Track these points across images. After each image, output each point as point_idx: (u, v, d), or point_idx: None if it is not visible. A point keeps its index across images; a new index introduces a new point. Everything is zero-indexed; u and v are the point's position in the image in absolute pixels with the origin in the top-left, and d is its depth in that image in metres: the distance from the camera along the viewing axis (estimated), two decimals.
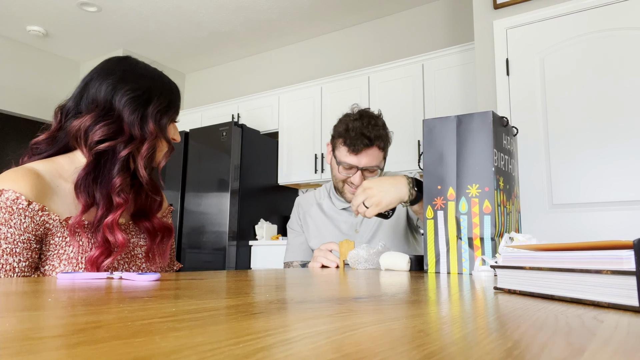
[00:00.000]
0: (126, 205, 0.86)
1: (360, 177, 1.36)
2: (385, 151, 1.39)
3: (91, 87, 0.89)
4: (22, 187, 0.78)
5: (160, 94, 0.93)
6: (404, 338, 0.25)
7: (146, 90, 0.91)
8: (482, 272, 0.81)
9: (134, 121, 0.88)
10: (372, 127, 1.33)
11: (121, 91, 0.88)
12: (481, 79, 2.55)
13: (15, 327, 0.25)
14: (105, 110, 0.87)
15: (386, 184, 1.13)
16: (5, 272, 0.75)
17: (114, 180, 0.85)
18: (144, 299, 0.41)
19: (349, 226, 1.48)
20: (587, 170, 2.21)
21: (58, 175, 0.85)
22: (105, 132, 0.85)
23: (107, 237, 0.84)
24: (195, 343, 0.22)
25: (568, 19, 2.34)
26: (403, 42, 3.72)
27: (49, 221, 0.80)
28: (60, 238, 0.82)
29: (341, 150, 1.36)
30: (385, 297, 0.47)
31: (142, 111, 0.89)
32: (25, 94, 4.38)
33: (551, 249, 0.46)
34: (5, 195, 0.77)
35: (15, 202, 0.77)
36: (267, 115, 4.01)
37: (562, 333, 0.27)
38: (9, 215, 0.76)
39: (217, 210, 3.52)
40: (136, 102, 0.89)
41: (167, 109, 0.94)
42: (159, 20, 3.92)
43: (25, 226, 0.77)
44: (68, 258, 0.82)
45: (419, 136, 3.15)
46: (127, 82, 0.89)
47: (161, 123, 0.92)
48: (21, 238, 0.77)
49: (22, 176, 0.79)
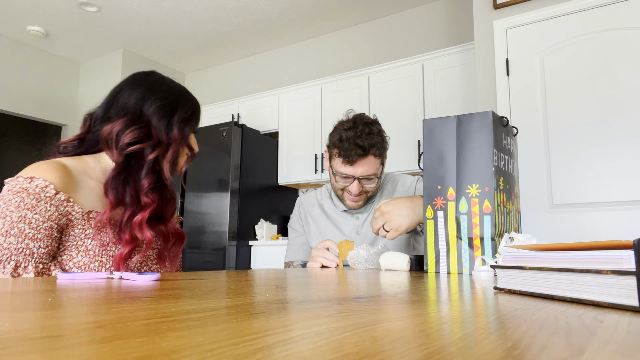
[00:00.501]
0: (154, 205, 0.93)
1: (358, 186, 1.35)
2: (381, 158, 1.37)
3: (121, 96, 0.96)
4: (52, 176, 0.83)
5: (185, 104, 1.00)
6: (404, 338, 0.25)
7: (173, 100, 0.98)
8: (482, 272, 0.81)
9: (161, 127, 0.95)
10: (367, 135, 1.30)
11: (150, 99, 0.96)
12: (481, 79, 2.55)
13: (15, 327, 0.25)
14: (135, 116, 0.94)
15: (404, 207, 1.14)
16: (24, 256, 0.78)
17: (143, 181, 0.92)
18: (144, 299, 0.41)
19: (351, 228, 1.48)
20: (587, 170, 2.21)
21: (84, 172, 0.91)
22: (135, 136, 0.92)
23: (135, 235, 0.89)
24: (195, 343, 0.22)
25: (568, 19, 2.34)
26: (403, 42, 3.72)
27: (72, 212, 0.84)
28: (81, 230, 0.86)
29: (336, 160, 1.35)
30: (385, 297, 0.47)
31: (169, 118, 0.97)
32: (25, 94, 4.38)
33: (551, 249, 0.46)
34: (35, 182, 0.81)
35: (44, 190, 0.81)
36: (267, 115, 4.01)
37: (562, 333, 0.27)
38: (36, 201, 0.80)
39: (217, 210, 3.52)
40: (164, 109, 0.96)
41: (190, 118, 1.01)
42: (159, 20, 3.92)
43: (50, 214, 0.81)
44: (86, 250, 0.86)
45: (419, 136, 3.15)
46: (156, 92, 0.97)
47: (184, 131, 0.99)
48: (44, 225, 0.80)
49: (52, 167, 0.84)
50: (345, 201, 1.43)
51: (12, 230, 0.77)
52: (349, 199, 1.41)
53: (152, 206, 0.92)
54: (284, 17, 3.87)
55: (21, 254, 0.77)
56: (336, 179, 1.38)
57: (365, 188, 1.38)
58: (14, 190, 0.80)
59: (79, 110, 4.78)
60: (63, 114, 4.68)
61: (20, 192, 0.80)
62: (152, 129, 0.94)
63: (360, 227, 1.47)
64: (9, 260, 0.76)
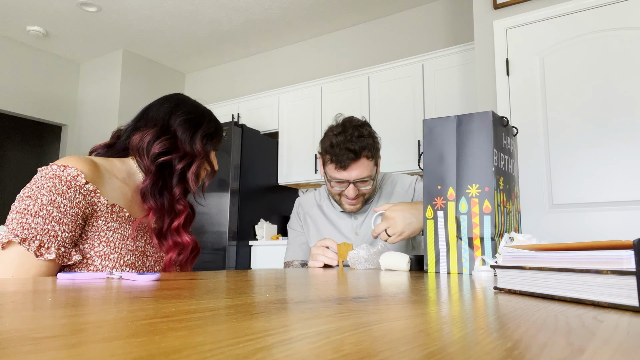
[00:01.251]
0: (186, 211, 1.00)
1: (354, 190, 1.35)
2: (374, 159, 1.36)
3: (151, 111, 1.04)
4: (83, 167, 0.88)
5: (209, 121, 1.07)
6: (404, 338, 0.25)
7: (198, 115, 1.05)
8: (482, 272, 0.81)
9: (186, 139, 1.01)
10: (357, 138, 1.30)
11: (177, 113, 1.03)
12: (481, 79, 2.55)
13: (15, 327, 0.25)
14: (163, 128, 1.00)
15: (409, 214, 1.15)
16: (48, 237, 0.81)
17: (175, 189, 0.99)
18: (144, 299, 0.41)
19: (349, 228, 1.48)
20: (587, 170, 2.21)
21: (111, 171, 0.96)
22: (165, 146, 0.98)
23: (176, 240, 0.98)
24: (195, 343, 0.22)
25: (568, 19, 2.34)
26: (403, 42, 3.72)
27: (97, 203, 0.89)
28: (103, 222, 0.90)
29: (329, 167, 1.35)
30: (385, 297, 0.47)
31: (193, 132, 1.02)
32: (25, 94, 4.38)
33: (551, 249, 0.46)
34: (68, 170, 0.86)
35: (75, 179, 0.86)
36: (267, 115, 4.01)
37: (562, 333, 0.27)
38: (66, 188, 0.84)
39: (217, 210, 3.52)
40: (189, 123, 1.02)
41: (213, 135, 1.07)
42: (159, 20, 3.92)
43: (77, 202, 0.86)
44: (107, 241, 0.90)
45: (419, 136, 3.15)
46: (182, 107, 1.04)
47: (207, 147, 1.05)
48: (71, 211, 0.84)
49: (84, 160, 0.90)
50: (343, 205, 1.43)
51: (42, 211, 0.82)
52: (347, 202, 1.41)
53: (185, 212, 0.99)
54: (284, 17, 3.87)
55: (46, 235, 0.81)
56: (331, 185, 1.38)
57: (361, 191, 1.38)
58: (47, 177, 0.85)
59: (79, 110, 4.78)
60: (63, 114, 4.68)
61: (53, 178, 0.84)
62: (178, 141, 1.00)
63: (359, 227, 1.47)
64: (34, 239, 0.80)
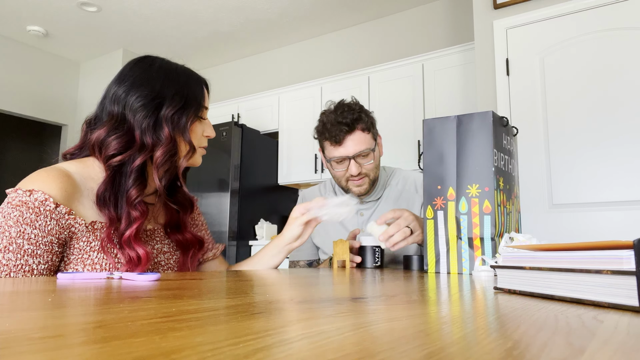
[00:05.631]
0: (143, 217, 0.84)
1: (357, 166, 1.33)
2: (372, 132, 1.35)
3: (107, 97, 0.89)
4: (52, 188, 0.78)
5: (174, 93, 0.88)
6: (404, 338, 0.25)
7: (158, 94, 0.87)
8: (482, 272, 0.81)
9: (146, 129, 0.85)
10: (347, 112, 1.31)
11: (132, 99, 0.86)
12: (481, 79, 2.55)
13: (16, 327, 0.25)
14: (118, 121, 0.86)
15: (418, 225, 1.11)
16: (23, 272, 0.74)
17: (130, 192, 0.84)
18: (144, 299, 0.41)
19: (355, 225, 1.45)
20: (587, 170, 2.20)
21: (89, 177, 0.85)
22: (118, 145, 0.84)
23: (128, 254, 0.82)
24: (195, 343, 0.22)
25: (568, 19, 2.34)
26: (403, 42, 3.72)
27: (74, 225, 0.80)
28: (85, 242, 0.81)
29: (326, 146, 1.35)
30: (385, 297, 0.47)
31: (155, 117, 0.86)
32: (25, 94, 4.38)
33: (551, 249, 0.46)
34: (35, 195, 0.76)
35: (43, 204, 0.76)
36: (267, 115, 4.01)
37: (562, 333, 0.27)
38: (35, 216, 0.76)
39: (217, 210, 3.52)
40: (146, 108, 0.86)
41: (184, 108, 0.89)
42: (159, 20, 3.92)
43: (50, 228, 0.77)
44: (92, 263, 0.81)
45: (419, 136, 3.15)
46: (138, 88, 0.87)
47: (179, 124, 0.89)
48: (44, 240, 0.76)
49: (52, 177, 0.79)
50: (351, 190, 1.40)
51: (11, 246, 0.74)
52: (353, 185, 1.38)
53: (140, 220, 0.83)
54: (284, 17, 3.87)
55: (20, 271, 0.74)
56: (333, 167, 1.36)
57: (364, 167, 1.35)
58: (14, 204, 0.76)
59: (79, 110, 4.78)
60: (63, 114, 4.68)
61: (19, 205, 0.76)
62: (135, 133, 0.85)
63: (364, 224, 1.44)
64: (7, 277, 0.73)
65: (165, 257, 0.95)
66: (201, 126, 0.95)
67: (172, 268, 0.96)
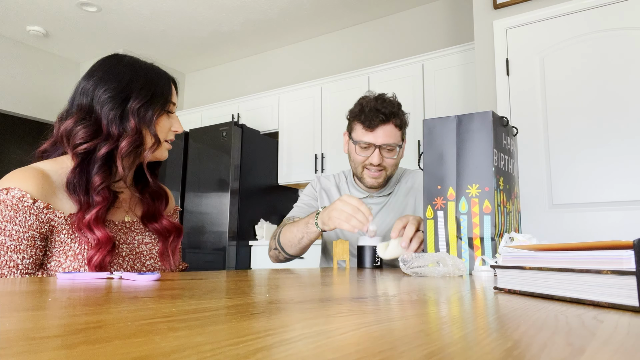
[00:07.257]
0: (105, 203, 0.87)
1: (379, 156, 1.34)
2: (402, 131, 1.38)
3: (76, 92, 0.92)
4: (28, 185, 0.81)
5: (141, 88, 0.91)
6: (404, 338, 0.25)
7: (125, 88, 0.90)
8: (482, 272, 0.81)
9: (112, 119, 0.88)
10: (388, 104, 1.33)
11: (100, 92, 0.89)
12: (481, 79, 2.55)
13: (16, 327, 0.25)
14: (86, 112, 0.89)
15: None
16: (9, 268, 0.76)
17: (94, 178, 0.87)
18: (144, 299, 0.41)
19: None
20: (587, 170, 2.20)
21: (64, 174, 0.87)
22: (85, 134, 0.87)
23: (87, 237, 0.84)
24: (195, 343, 0.22)
25: (568, 19, 2.34)
26: (403, 42, 3.72)
27: (54, 218, 0.82)
28: (66, 235, 0.84)
29: (357, 129, 1.36)
30: (385, 297, 0.47)
31: (122, 109, 0.89)
32: (25, 94, 4.38)
33: (551, 249, 0.46)
34: (12, 193, 0.79)
35: (21, 200, 0.79)
36: (267, 115, 4.00)
37: (562, 333, 0.27)
38: (14, 212, 0.78)
39: (217, 210, 3.52)
40: (114, 100, 0.89)
41: (151, 101, 0.92)
42: (159, 20, 3.92)
43: (30, 224, 0.79)
44: (74, 254, 0.84)
45: (419, 136, 3.15)
46: (106, 82, 0.90)
47: (145, 117, 0.91)
48: (25, 235, 0.79)
49: (28, 175, 0.82)
50: (365, 179, 1.40)
51: None
52: (369, 175, 1.38)
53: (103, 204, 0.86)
54: (284, 17, 3.87)
55: (5, 267, 0.76)
56: (356, 151, 1.37)
57: (385, 161, 1.36)
58: None
59: None
60: None
61: None
62: (102, 123, 0.88)
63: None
64: None
65: (147, 248, 0.98)
66: (169, 121, 0.98)
67: (154, 258, 0.99)
